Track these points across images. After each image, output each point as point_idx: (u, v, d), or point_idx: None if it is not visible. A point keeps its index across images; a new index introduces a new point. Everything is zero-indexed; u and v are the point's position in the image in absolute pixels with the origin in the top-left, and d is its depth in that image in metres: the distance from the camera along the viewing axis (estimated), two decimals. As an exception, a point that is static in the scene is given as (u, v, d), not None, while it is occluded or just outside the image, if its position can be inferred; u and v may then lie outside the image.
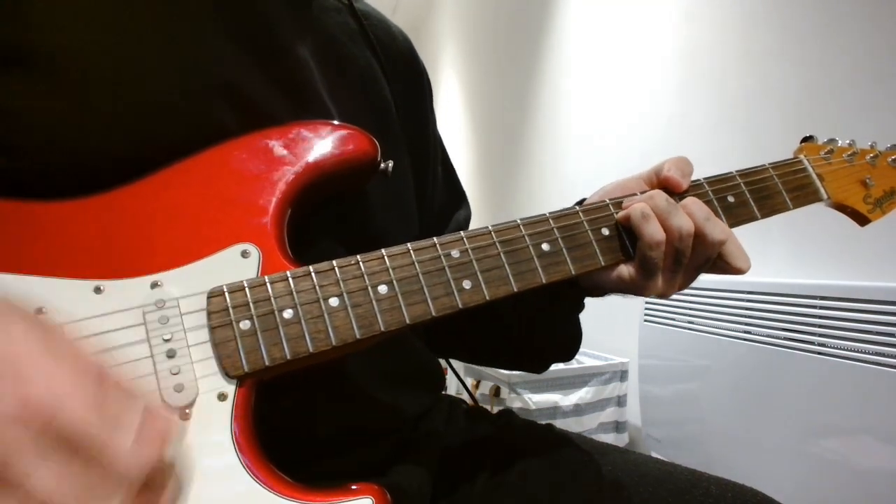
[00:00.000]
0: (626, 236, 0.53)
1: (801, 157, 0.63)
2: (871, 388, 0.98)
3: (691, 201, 0.53)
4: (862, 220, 0.64)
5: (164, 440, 0.34)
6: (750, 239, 0.56)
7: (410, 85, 0.69)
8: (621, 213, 0.53)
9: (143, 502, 0.33)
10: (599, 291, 0.58)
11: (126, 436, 0.32)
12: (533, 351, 0.70)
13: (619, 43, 2.07)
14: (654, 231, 0.51)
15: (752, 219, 0.58)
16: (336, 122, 0.51)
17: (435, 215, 0.71)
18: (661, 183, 0.56)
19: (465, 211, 0.75)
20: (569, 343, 0.68)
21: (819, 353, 1.09)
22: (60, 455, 0.31)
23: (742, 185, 0.58)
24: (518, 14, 2.97)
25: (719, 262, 0.54)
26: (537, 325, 0.65)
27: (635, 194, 0.55)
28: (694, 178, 0.57)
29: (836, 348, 1.06)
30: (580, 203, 0.59)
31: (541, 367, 0.72)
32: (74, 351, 0.33)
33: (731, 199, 0.57)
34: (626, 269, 0.54)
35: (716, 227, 0.52)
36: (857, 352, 1.02)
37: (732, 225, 0.56)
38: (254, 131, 0.48)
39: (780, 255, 1.35)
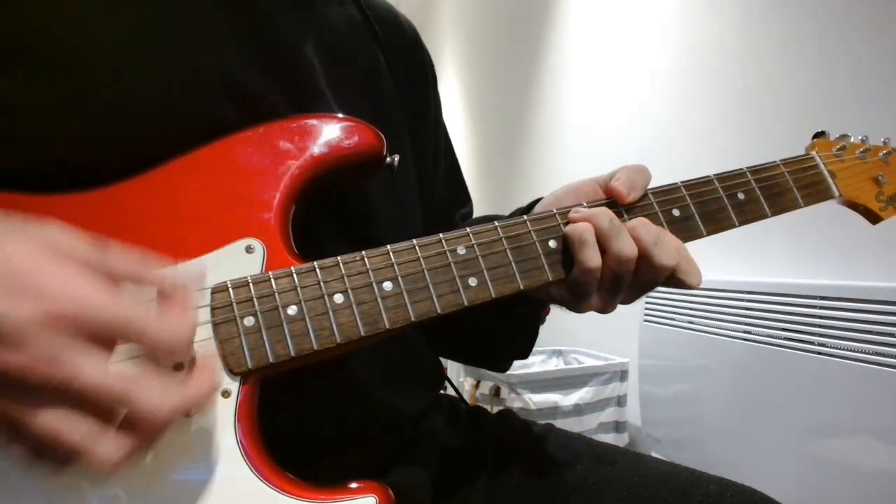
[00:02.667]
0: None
1: (813, 153, 0.62)
2: (871, 388, 0.98)
3: (640, 223, 0.49)
4: (874, 218, 0.63)
5: (189, 306, 0.35)
6: (750, 239, 0.56)
7: (414, 73, 0.68)
8: (565, 229, 0.50)
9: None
10: (538, 302, 0.57)
11: (155, 312, 0.34)
12: (490, 354, 0.71)
13: (619, 41, 2.07)
14: (587, 257, 0.48)
15: (763, 217, 0.56)
16: (341, 115, 0.50)
17: (434, 207, 0.70)
18: (608, 193, 0.53)
19: (465, 209, 0.75)
20: (528, 343, 0.67)
21: (819, 353, 1.09)
22: (103, 343, 0.32)
23: (752, 182, 0.57)
24: (518, 13, 2.97)
25: (669, 280, 0.51)
26: (495, 337, 0.66)
27: (581, 204, 0.52)
28: (699, 175, 0.56)
29: (836, 348, 1.06)
30: (530, 206, 0.59)
31: (500, 368, 0.72)
32: (73, 249, 0.34)
33: (741, 196, 0.56)
34: (555, 288, 0.51)
35: (664, 252, 0.49)
36: (857, 352, 1.02)
37: (742, 223, 0.55)
38: (257, 125, 0.48)
39: (780, 255, 1.35)
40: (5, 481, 0.36)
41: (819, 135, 0.64)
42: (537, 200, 0.58)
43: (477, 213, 0.76)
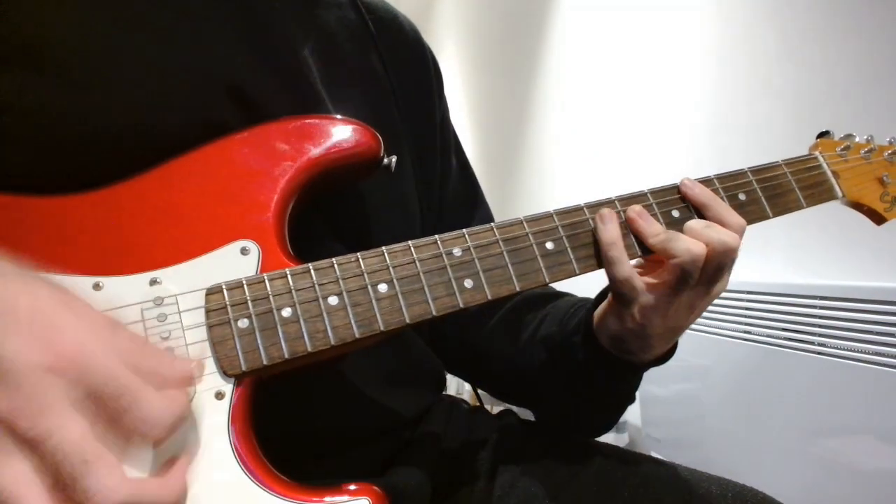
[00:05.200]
0: (632, 236, 0.52)
1: (817, 153, 0.61)
2: (871, 388, 0.98)
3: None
4: (878, 218, 0.63)
5: (186, 390, 0.36)
6: (750, 239, 0.56)
7: (415, 76, 0.68)
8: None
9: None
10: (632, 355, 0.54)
11: (153, 388, 0.34)
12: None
13: (620, 41, 2.06)
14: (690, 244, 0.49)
15: (764, 217, 0.56)
16: (339, 117, 0.50)
17: (448, 208, 0.69)
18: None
19: (481, 211, 0.74)
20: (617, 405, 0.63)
21: (819, 353, 1.08)
22: (92, 406, 0.32)
23: (754, 182, 0.56)
24: (518, 13, 2.96)
25: None
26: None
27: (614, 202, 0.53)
28: (701, 175, 0.55)
29: (836, 348, 1.05)
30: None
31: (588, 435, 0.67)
32: (92, 310, 0.35)
33: (742, 196, 0.55)
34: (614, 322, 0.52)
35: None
36: (857, 352, 1.02)
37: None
38: (254, 126, 0.48)
39: (780, 255, 1.35)
40: None
41: (823, 134, 0.63)
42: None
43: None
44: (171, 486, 0.35)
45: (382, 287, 0.45)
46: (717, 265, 0.49)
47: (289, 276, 0.43)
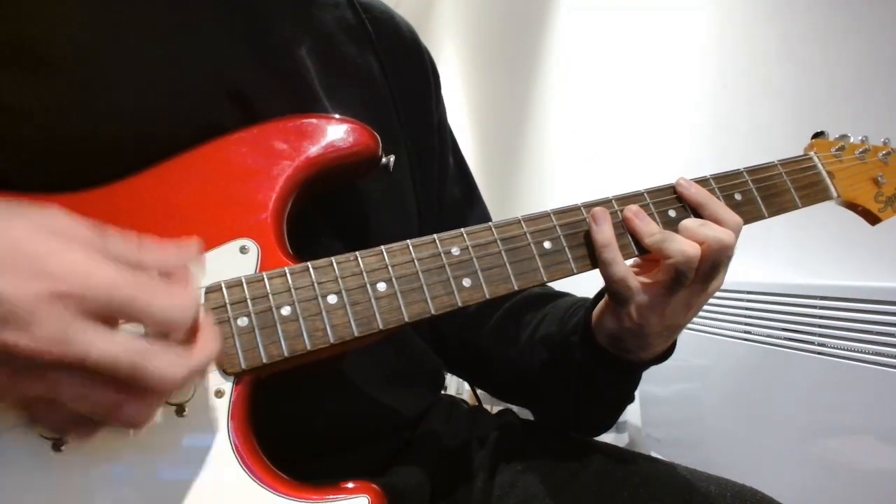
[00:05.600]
0: (629, 235, 0.52)
1: (812, 153, 0.61)
2: (871, 388, 0.98)
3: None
4: (873, 219, 0.63)
5: (190, 281, 0.36)
6: (750, 239, 0.56)
7: (412, 76, 0.68)
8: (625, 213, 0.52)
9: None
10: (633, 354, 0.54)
11: (161, 286, 0.34)
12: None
13: (619, 41, 2.06)
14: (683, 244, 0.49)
15: (760, 217, 0.56)
16: (337, 116, 0.50)
17: (447, 208, 0.70)
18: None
19: (478, 210, 0.74)
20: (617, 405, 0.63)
21: (819, 353, 1.08)
22: (107, 323, 0.32)
23: (750, 182, 0.57)
24: (518, 13, 2.96)
25: None
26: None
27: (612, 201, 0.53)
28: (699, 175, 0.56)
29: (836, 348, 1.05)
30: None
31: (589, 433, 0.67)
32: (75, 231, 0.34)
33: (738, 196, 0.56)
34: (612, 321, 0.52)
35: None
36: (857, 352, 1.02)
37: None
38: (252, 125, 0.48)
39: (781, 255, 1.35)
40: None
41: (818, 135, 0.64)
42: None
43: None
44: (213, 340, 0.37)
45: (381, 286, 0.45)
46: (712, 263, 0.49)
47: (288, 275, 0.44)
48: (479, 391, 0.77)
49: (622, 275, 0.50)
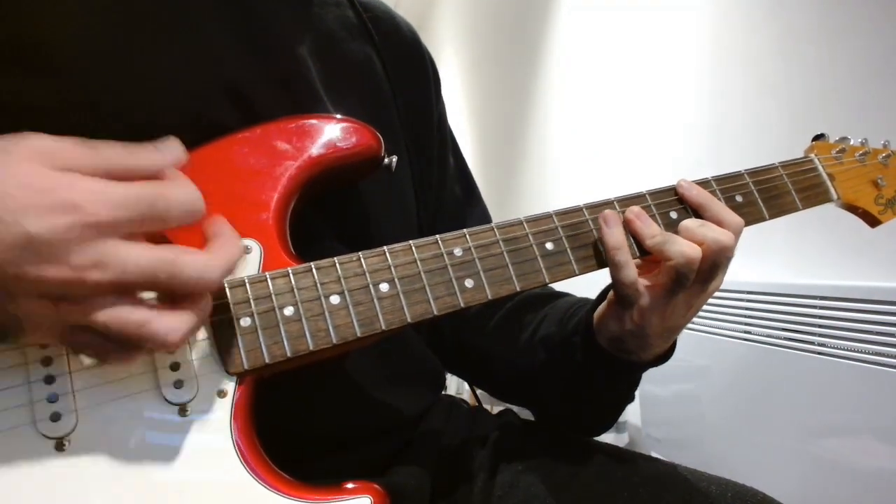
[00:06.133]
0: (630, 237, 0.52)
1: (812, 156, 0.62)
2: (871, 388, 0.98)
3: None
4: (873, 221, 0.63)
5: (183, 177, 0.37)
6: (750, 239, 0.56)
7: (413, 76, 0.68)
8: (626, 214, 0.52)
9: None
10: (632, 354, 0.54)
11: (170, 185, 0.36)
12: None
13: (619, 42, 2.06)
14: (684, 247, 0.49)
15: (761, 219, 0.57)
16: (339, 116, 0.50)
17: (447, 208, 0.70)
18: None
19: (478, 210, 0.74)
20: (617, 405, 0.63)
21: (819, 353, 1.08)
22: (136, 237, 0.34)
23: (751, 184, 0.57)
24: (518, 13, 2.96)
25: None
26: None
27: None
28: (699, 177, 0.56)
29: (836, 348, 1.05)
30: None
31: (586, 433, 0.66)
32: (68, 155, 0.34)
33: (739, 198, 0.56)
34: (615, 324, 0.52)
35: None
36: (857, 352, 1.02)
37: None
38: (254, 125, 0.48)
39: (780, 255, 1.35)
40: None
41: (818, 137, 0.64)
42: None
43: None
44: (233, 238, 0.39)
45: (384, 286, 0.45)
46: (711, 263, 0.49)
47: (291, 275, 0.44)
48: (479, 391, 0.77)
49: (634, 278, 0.50)
